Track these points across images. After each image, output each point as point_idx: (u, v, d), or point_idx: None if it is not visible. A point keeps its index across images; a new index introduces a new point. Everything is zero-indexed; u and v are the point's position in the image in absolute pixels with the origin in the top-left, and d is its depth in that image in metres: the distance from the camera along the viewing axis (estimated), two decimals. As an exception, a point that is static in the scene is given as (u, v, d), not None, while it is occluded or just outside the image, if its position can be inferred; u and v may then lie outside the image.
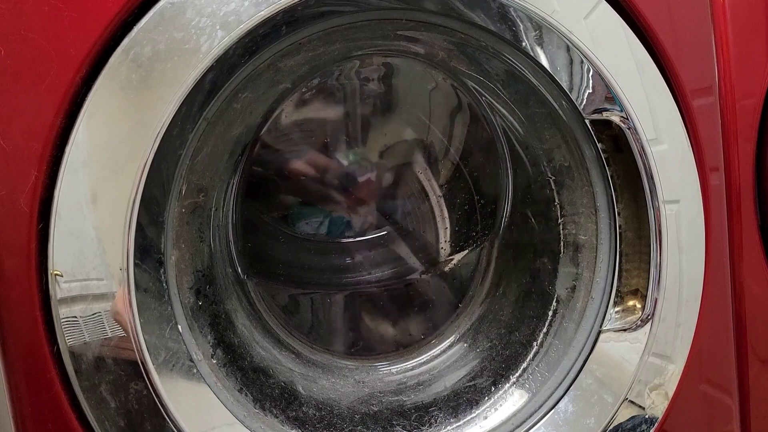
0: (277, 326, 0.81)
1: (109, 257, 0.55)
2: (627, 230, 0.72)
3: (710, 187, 0.73)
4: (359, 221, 0.89)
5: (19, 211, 0.55)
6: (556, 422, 0.71)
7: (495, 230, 0.86)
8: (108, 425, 0.56)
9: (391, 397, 0.77)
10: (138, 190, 0.55)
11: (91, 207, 0.55)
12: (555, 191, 0.77)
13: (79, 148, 0.55)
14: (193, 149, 0.61)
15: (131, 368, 0.56)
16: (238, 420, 0.61)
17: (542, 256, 0.80)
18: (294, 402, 0.71)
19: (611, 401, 0.70)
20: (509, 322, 0.81)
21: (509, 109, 0.77)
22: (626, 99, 0.67)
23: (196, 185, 0.66)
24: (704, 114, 0.73)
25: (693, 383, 0.74)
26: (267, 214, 0.85)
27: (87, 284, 0.55)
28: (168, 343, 0.58)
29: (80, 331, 0.55)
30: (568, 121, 0.70)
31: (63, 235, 0.55)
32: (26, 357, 0.57)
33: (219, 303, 0.71)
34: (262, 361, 0.72)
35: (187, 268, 0.66)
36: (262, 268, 0.83)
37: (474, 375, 0.78)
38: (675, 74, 0.70)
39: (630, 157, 0.69)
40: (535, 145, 0.77)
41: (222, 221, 0.76)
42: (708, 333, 0.74)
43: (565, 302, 0.76)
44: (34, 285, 0.56)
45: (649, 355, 0.70)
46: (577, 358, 0.72)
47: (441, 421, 0.74)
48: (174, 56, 0.55)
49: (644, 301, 0.71)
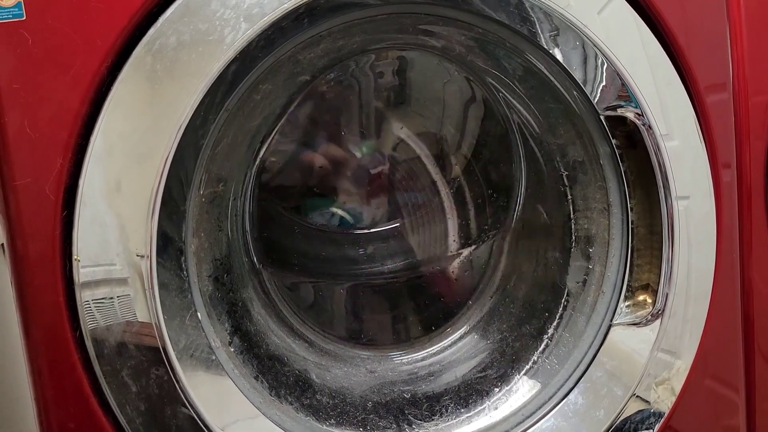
0: (291, 315, 0.82)
1: (132, 244, 0.56)
2: (639, 226, 0.73)
3: (722, 183, 0.74)
4: (371, 213, 0.90)
5: (44, 198, 0.56)
6: (566, 414, 0.71)
7: (507, 224, 0.87)
8: (129, 409, 0.57)
9: (402, 386, 0.78)
10: (161, 180, 0.56)
11: (115, 195, 0.56)
12: (568, 186, 0.78)
13: (103, 137, 0.55)
14: (214, 139, 0.62)
15: (153, 354, 0.57)
16: (256, 408, 0.61)
17: (554, 251, 0.81)
18: (308, 390, 0.72)
19: (621, 394, 0.71)
20: (520, 315, 0.82)
21: (524, 105, 0.77)
22: (641, 95, 0.68)
23: (215, 175, 0.67)
24: (717, 110, 0.73)
25: (700, 379, 0.75)
26: (282, 205, 0.86)
27: (110, 269, 0.56)
28: (188, 330, 0.60)
29: (103, 316, 0.56)
30: (583, 117, 0.71)
31: (87, 222, 0.56)
32: (49, 341, 0.58)
33: (236, 291, 0.72)
34: (277, 350, 0.73)
35: (206, 257, 0.67)
36: (277, 257, 0.84)
37: (485, 366, 0.79)
38: (689, 70, 0.70)
39: (644, 153, 0.69)
40: (550, 141, 0.77)
41: (239, 211, 0.77)
42: (716, 329, 0.75)
43: (576, 296, 0.77)
44: (58, 270, 0.57)
45: (659, 350, 0.71)
46: (587, 351, 0.73)
47: (452, 410, 0.75)
48: (198, 47, 0.56)
49: (655, 296, 0.72)
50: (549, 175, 0.80)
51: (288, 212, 0.86)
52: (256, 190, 0.80)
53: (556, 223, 0.80)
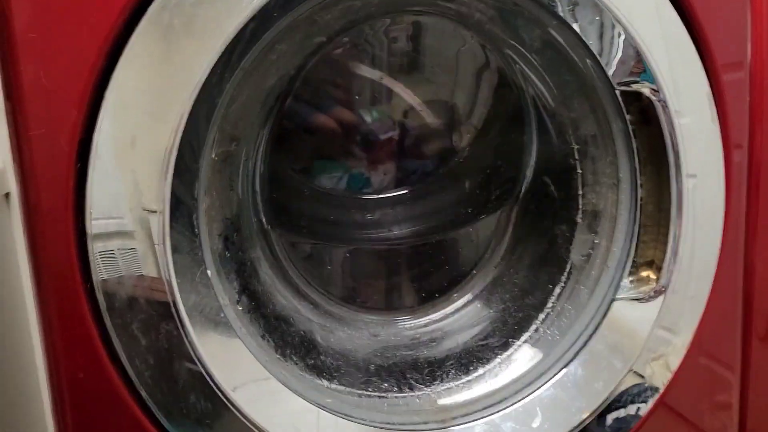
0: (298, 277, 0.82)
1: (145, 200, 0.56)
2: (648, 202, 0.73)
3: (733, 164, 0.73)
4: (379, 178, 0.90)
5: (58, 150, 0.55)
6: (565, 384, 0.73)
7: (515, 195, 0.87)
8: (138, 362, 0.58)
9: (404, 351, 0.79)
10: (177, 136, 0.55)
11: (129, 150, 0.56)
12: (578, 160, 0.78)
13: (119, 90, 0.55)
14: (228, 98, 0.62)
15: (163, 309, 0.57)
16: (262, 365, 0.62)
17: (560, 224, 0.81)
18: (313, 350, 0.73)
19: (620, 367, 0.72)
20: (523, 286, 0.83)
21: (539, 77, 0.77)
22: (657, 70, 0.67)
23: (229, 134, 0.67)
24: (733, 89, 0.72)
25: (696, 357, 0.76)
26: (292, 167, 0.86)
27: (122, 223, 0.56)
28: (198, 287, 0.60)
29: (114, 268, 0.57)
30: (598, 91, 0.70)
31: (101, 175, 0.56)
32: (59, 292, 0.58)
33: (245, 251, 0.72)
34: (283, 310, 0.74)
35: (217, 216, 0.67)
36: (285, 219, 0.84)
37: (486, 334, 0.80)
38: (707, 47, 0.69)
39: (657, 130, 0.69)
40: (563, 114, 0.77)
41: (250, 171, 0.77)
42: (717, 309, 0.75)
43: (580, 269, 0.78)
44: (71, 222, 0.57)
45: (660, 326, 0.72)
46: (588, 323, 0.74)
47: (452, 376, 0.76)
48: (217, 4, 0.55)
49: (659, 272, 0.72)
50: (560, 149, 0.80)
51: (297, 174, 0.86)
52: (267, 151, 0.80)
53: (565, 196, 0.80)
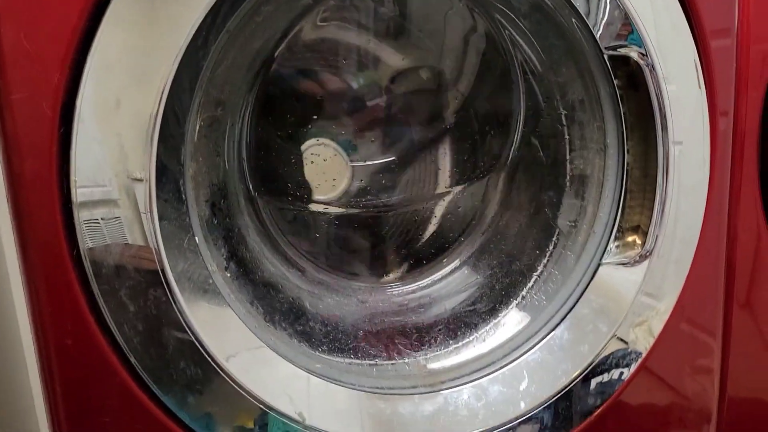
0: (285, 244, 0.82)
1: (131, 165, 0.55)
2: (634, 168, 0.73)
3: (718, 131, 0.74)
4: (366, 145, 0.89)
5: (41, 114, 0.54)
6: (552, 347, 0.73)
7: (502, 161, 0.87)
8: (127, 328, 0.58)
9: (393, 317, 0.79)
10: (162, 99, 0.54)
11: (113, 114, 0.55)
12: (566, 126, 0.78)
13: (102, 53, 0.54)
14: (214, 61, 0.60)
15: (151, 276, 0.57)
16: (252, 332, 0.62)
17: (548, 189, 0.81)
18: (302, 317, 0.73)
19: (605, 331, 0.73)
20: (510, 252, 0.83)
21: (527, 41, 0.76)
22: (646, 34, 0.67)
23: (215, 98, 0.66)
24: (720, 56, 0.72)
25: (678, 322, 0.77)
26: (279, 133, 0.85)
27: (108, 190, 0.55)
28: (186, 254, 0.60)
29: (101, 236, 0.56)
30: (586, 55, 0.70)
31: (85, 140, 0.55)
32: (45, 259, 0.57)
33: (232, 218, 0.72)
34: (271, 277, 0.74)
35: (204, 181, 0.67)
36: (272, 186, 0.83)
37: (474, 300, 0.81)
38: (696, 12, 0.69)
39: (645, 95, 0.69)
40: (551, 78, 0.77)
41: (237, 137, 0.76)
42: (700, 274, 0.76)
43: (567, 234, 0.78)
44: (55, 188, 0.56)
45: (644, 292, 0.73)
46: (575, 288, 0.75)
47: (441, 341, 0.77)
48: (202, -37, 0.54)
49: (644, 237, 0.73)
50: (547, 114, 0.79)
51: (284, 141, 0.85)
52: (253, 117, 0.79)
53: (552, 162, 0.80)
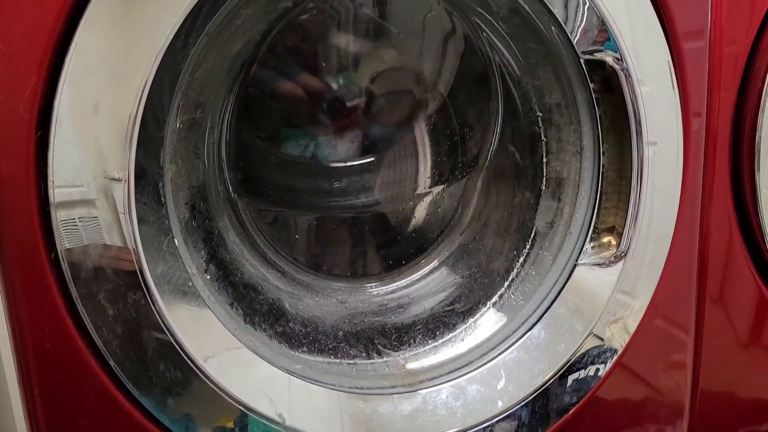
0: (265, 245, 0.82)
1: (109, 167, 0.55)
2: (610, 170, 0.74)
3: (691, 131, 0.75)
4: (346, 146, 0.89)
5: (17, 117, 0.54)
6: (528, 347, 0.75)
7: (480, 163, 0.88)
8: (105, 331, 0.57)
9: (372, 317, 0.80)
10: (140, 102, 0.54)
11: (91, 117, 0.54)
12: (543, 128, 0.79)
13: (80, 55, 0.54)
14: (193, 64, 0.60)
15: (130, 278, 0.57)
16: (231, 333, 0.62)
17: (525, 191, 0.82)
18: (281, 318, 0.73)
19: (581, 330, 0.74)
20: (489, 252, 0.84)
21: (506, 45, 0.77)
22: (621, 39, 0.68)
23: (194, 101, 0.66)
24: (693, 58, 0.73)
25: (652, 319, 0.78)
26: (258, 134, 0.85)
27: (86, 192, 0.55)
28: (165, 256, 0.60)
29: (78, 237, 0.56)
30: (563, 59, 0.71)
31: (63, 143, 0.54)
32: (23, 261, 0.57)
33: (212, 219, 0.72)
34: (251, 278, 0.74)
35: (183, 184, 0.67)
36: (252, 187, 0.83)
37: (453, 300, 0.81)
38: (669, 14, 0.70)
39: (620, 98, 0.70)
40: (528, 82, 0.77)
41: (216, 139, 0.76)
42: (673, 272, 0.77)
43: (544, 235, 0.79)
44: (33, 189, 0.55)
45: (620, 290, 0.74)
46: (552, 288, 0.76)
47: (420, 341, 0.78)
48: (180, -34, 0.54)
49: (619, 238, 0.74)
50: (525, 117, 0.80)
51: (263, 142, 0.85)
52: (233, 119, 0.79)
53: (529, 164, 0.81)
